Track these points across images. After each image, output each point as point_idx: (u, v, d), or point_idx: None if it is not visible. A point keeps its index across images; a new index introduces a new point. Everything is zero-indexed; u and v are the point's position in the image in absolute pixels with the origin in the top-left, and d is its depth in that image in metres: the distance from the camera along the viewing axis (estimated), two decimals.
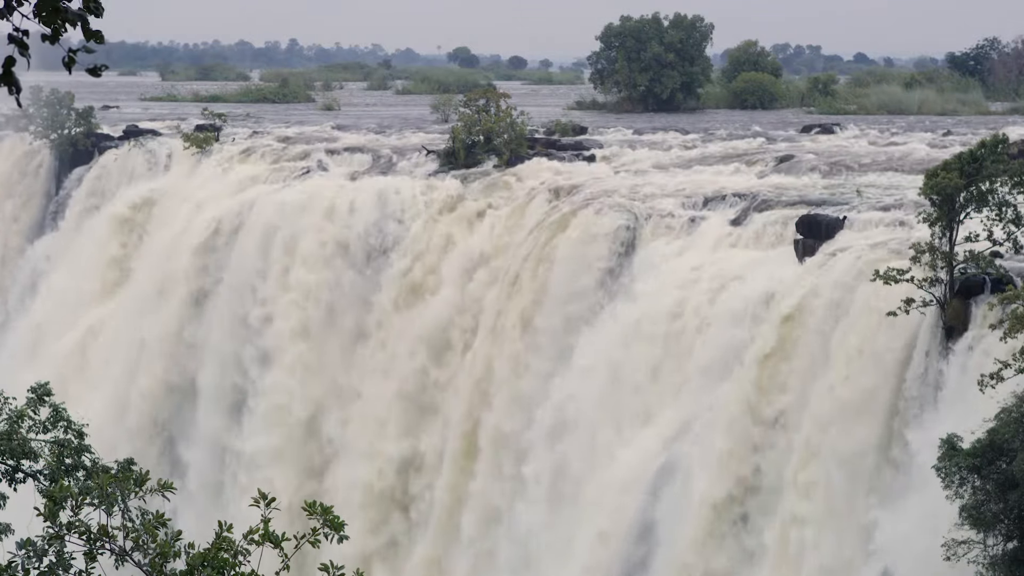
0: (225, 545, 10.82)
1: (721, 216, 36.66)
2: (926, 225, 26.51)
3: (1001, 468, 20.84)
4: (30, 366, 48.91)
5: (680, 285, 34.23)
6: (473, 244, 41.82)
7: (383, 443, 41.63)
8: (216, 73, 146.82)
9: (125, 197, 54.19)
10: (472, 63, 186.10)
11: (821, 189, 38.60)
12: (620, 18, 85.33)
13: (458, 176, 45.53)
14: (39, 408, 15.76)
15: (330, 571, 10.61)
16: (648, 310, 34.57)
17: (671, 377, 33.51)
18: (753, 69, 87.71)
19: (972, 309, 26.48)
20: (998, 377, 22.13)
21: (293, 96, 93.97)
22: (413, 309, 42.27)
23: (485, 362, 39.17)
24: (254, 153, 53.65)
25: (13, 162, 63.30)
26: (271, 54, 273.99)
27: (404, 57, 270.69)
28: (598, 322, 36.51)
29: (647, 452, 32.82)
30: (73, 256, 54.77)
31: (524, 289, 38.61)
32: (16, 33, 8.87)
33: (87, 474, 15.02)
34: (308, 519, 10.89)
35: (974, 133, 49.83)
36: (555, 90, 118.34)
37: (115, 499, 11.79)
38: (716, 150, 48.85)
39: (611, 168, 45.65)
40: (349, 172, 48.77)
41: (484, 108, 48.60)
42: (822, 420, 28.33)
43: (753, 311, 31.40)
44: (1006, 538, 20.99)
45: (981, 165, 25.80)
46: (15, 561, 12.04)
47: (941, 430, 23.09)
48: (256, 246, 46.12)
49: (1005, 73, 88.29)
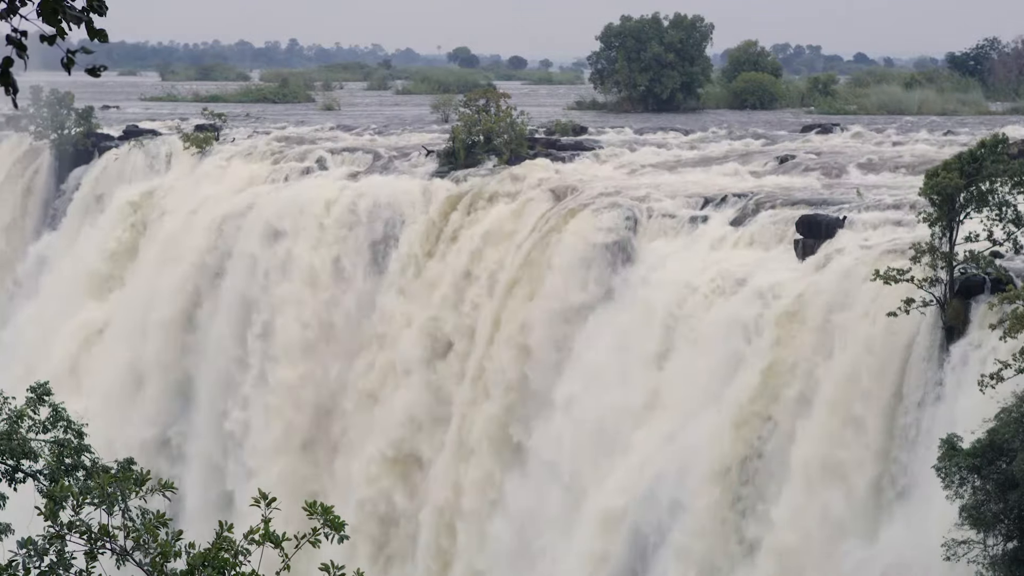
0: (225, 545, 10.84)
1: (721, 216, 36.65)
2: (926, 225, 26.51)
3: (1001, 468, 20.84)
4: (29, 366, 48.91)
5: (680, 285, 34.22)
6: (472, 244, 41.79)
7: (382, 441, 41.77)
8: (216, 73, 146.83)
9: (125, 197, 54.20)
10: (472, 63, 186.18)
11: (821, 189, 38.60)
12: (620, 18, 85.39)
13: (458, 176, 45.54)
14: (39, 408, 15.76)
15: (331, 571, 10.62)
16: (648, 310, 34.57)
17: (671, 377, 33.49)
18: (753, 69, 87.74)
19: (972, 309, 26.48)
20: (998, 377, 22.13)
21: (293, 96, 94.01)
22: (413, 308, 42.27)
23: (482, 363, 39.15)
24: (254, 153, 53.67)
25: (13, 162, 63.32)
26: (271, 54, 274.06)
27: (404, 57, 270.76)
28: (597, 322, 36.51)
29: (647, 453, 32.82)
30: (73, 256, 54.79)
31: (524, 289, 38.60)
32: (14, 34, 8.87)
33: (87, 474, 15.03)
34: (308, 519, 10.91)
35: (973, 133, 49.82)
36: (555, 90, 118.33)
37: (115, 499, 11.80)
38: (716, 150, 48.85)
39: (611, 168, 45.64)
40: (349, 172, 48.80)
41: (484, 108, 48.62)
42: (822, 420, 28.33)
43: (753, 311, 31.40)
44: (1006, 538, 20.99)
45: (981, 165, 25.80)
46: (16, 560, 12.05)
47: (941, 430, 23.10)
48: (256, 245, 46.15)
49: (1005, 73, 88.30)
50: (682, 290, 34.04)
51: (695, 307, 33.42)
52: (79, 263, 53.82)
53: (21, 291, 58.16)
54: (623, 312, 35.61)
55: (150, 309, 48.84)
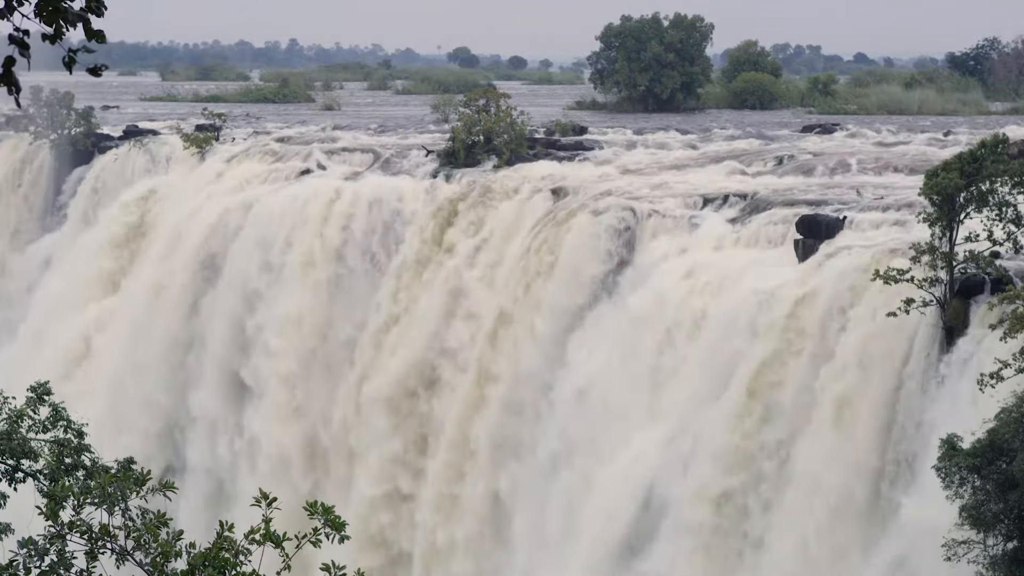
0: (226, 545, 10.83)
1: (721, 216, 36.66)
2: (926, 225, 26.51)
3: (1001, 468, 20.84)
4: (29, 367, 48.89)
5: (680, 285, 34.22)
6: (472, 244, 41.80)
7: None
8: (216, 73, 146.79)
9: (125, 197, 54.21)
10: (472, 63, 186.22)
11: (821, 189, 38.59)
12: (620, 18, 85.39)
13: (458, 176, 45.53)
14: (39, 408, 15.76)
15: (331, 571, 10.62)
16: (648, 310, 34.56)
17: (671, 377, 33.49)
18: (753, 69, 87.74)
19: (972, 309, 26.48)
20: (998, 377, 22.14)
21: (293, 96, 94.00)
22: (412, 308, 42.28)
23: (482, 363, 39.17)
24: (254, 153, 53.66)
25: (13, 162, 63.32)
26: (271, 54, 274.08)
27: (404, 57, 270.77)
28: (598, 322, 36.51)
29: (646, 453, 32.82)
30: (73, 256, 54.80)
31: (523, 289, 38.60)
32: (16, 33, 8.87)
33: (87, 474, 15.03)
34: (309, 519, 10.90)
35: (973, 133, 49.82)
36: (555, 90, 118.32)
37: (116, 499, 11.80)
38: (716, 150, 48.83)
39: (611, 168, 45.62)
40: (349, 172, 48.80)
41: (484, 108, 48.61)
42: (822, 419, 28.33)
43: (753, 311, 31.39)
44: (1006, 538, 20.99)
45: (981, 165, 25.81)
46: (16, 560, 12.04)
47: (941, 430, 23.10)
48: (256, 245, 46.16)
49: (1005, 73, 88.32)
50: (682, 290, 34.04)
51: (695, 307, 33.40)
52: (79, 263, 53.83)
53: (21, 291, 58.14)
54: (623, 312, 35.60)
55: (150, 309, 48.85)
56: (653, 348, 34.08)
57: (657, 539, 31.69)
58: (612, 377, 34.80)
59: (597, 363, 35.52)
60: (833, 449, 27.99)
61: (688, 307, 33.57)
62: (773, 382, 29.97)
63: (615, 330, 35.54)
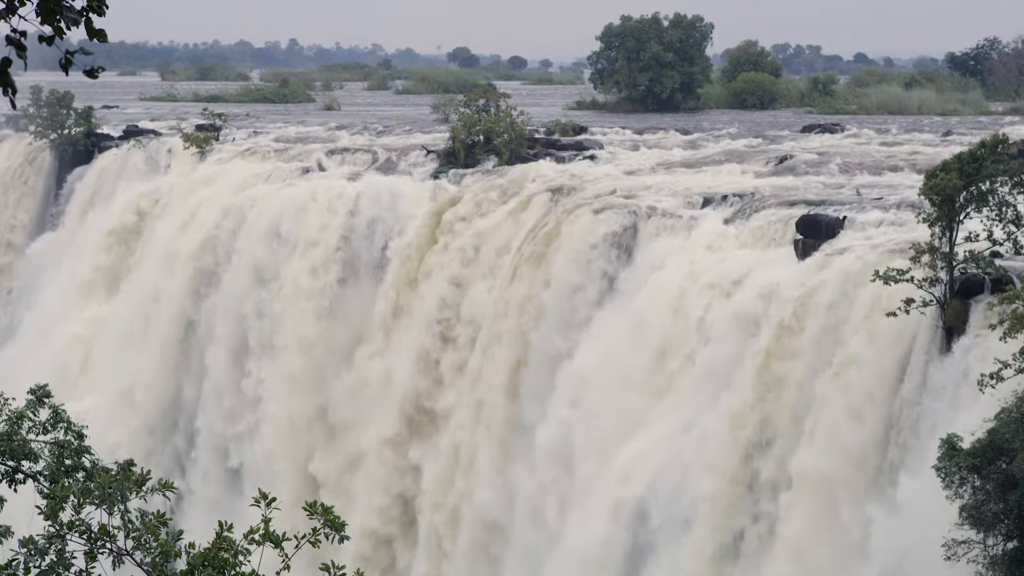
0: (225, 545, 10.83)
1: (721, 216, 36.65)
2: (926, 225, 26.50)
3: (1001, 468, 20.84)
4: (29, 367, 48.89)
5: (680, 285, 34.21)
6: (472, 244, 41.80)
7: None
8: (216, 73, 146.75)
9: (125, 197, 54.21)
10: (472, 63, 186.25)
11: (821, 189, 38.59)
12: (620, 18, 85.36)
13: (458, 176, 45.52)
14: (39, 409, 15.75)
15: (331, 571, 10.62)
16: (648, 310, 34.55)
17: (671, 378, 33.49)
18: (753, 69, 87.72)
19: (972, 309, 26.46)
20: (998, 377, 22.13)
21: (293, 96, 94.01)
22: (412, 309, 42.28)
23: (482, 364, 39.15)
24: (254, 153, 53.67)
25: (13, 162, 63.33)
26: (271, 54, 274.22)
27: (404, 57, 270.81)
28: (598, 322, 36.50)
29: (646, 453, 32.82)
30: (73, 256, 54.80)
31: (524, 289, 38.58)
32: (14, 34, 8.87)
33: (87, 475, 15.02)
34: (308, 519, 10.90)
35: (973, 133, 49.81)
36: (555, 90, 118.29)
37: (116, 499, 11.80)
38: (716, 150, 48.83)
39: (611, 168, 45.62)
40: (349, 172, 48.80)
41: (484, 108, 48.62)
42: (822, 419, 28.33)
43: (753, 311, 31.39)
44: (1006, 538, 20.98)
45: (981, 165, 25.79)
46: (16, 559, 12.05)
47: (941, 430, 23.09)
48: (256, 246, 46.16)
49: (1005, 73, 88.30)
50: (682, 290, 34.03)
51: (695, 307, 33.40)
52: (79, 263, 53.82)
53: (21, 291, 58.16)
54: (623, 312, 35.59)
55: (150, 309, 48.85)
56: (653, 348, 34.07)
57: (657, 539, 31.70)
58: (612, 377, 34.79)
59: (597, 363, 35.50)
60: (833, 449, 27.98)
61: (688, 307, 33.56)
62: (773, 383, 29.97)
63: (615, 330, 35.53)
